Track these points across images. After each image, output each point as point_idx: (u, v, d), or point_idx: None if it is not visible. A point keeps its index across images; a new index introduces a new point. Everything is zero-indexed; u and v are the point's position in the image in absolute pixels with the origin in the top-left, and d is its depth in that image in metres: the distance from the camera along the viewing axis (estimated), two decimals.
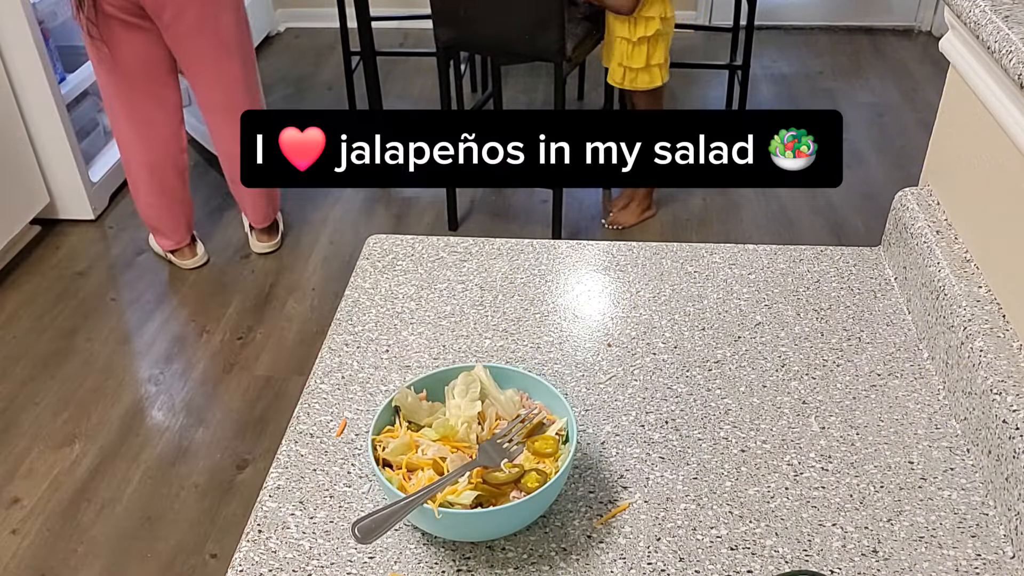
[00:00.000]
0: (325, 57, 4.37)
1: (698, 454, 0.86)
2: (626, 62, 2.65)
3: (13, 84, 2.70)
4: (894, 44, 4.61)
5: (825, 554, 0.76)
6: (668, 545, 0.77)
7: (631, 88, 2.72)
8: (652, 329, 1.03)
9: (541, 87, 4.02)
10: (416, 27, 4.37)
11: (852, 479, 0.83)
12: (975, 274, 0.95)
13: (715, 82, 4.07)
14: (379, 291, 1.11)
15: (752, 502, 0.81)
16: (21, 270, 2.79)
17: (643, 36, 2.60)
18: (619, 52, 2.64)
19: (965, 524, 0.78)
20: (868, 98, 4.02)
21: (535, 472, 0.77)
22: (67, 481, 2.06)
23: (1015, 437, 0.76)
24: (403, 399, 0.83)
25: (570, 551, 0.77)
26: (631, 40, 2.61)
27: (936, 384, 0.94)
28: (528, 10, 2.63)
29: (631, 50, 2.63)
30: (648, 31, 2.59)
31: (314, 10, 4.69)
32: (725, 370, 0.97)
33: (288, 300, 2.68)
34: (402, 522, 0.77)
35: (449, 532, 0.77)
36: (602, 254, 1.16)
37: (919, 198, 1.10)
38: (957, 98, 1.02)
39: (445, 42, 2.84)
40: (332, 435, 0.89)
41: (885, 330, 1.02)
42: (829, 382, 0.95)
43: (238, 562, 0.77)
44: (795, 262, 1.14)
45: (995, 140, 0.90)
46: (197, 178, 3.32)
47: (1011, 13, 0.86)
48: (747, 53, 3.43)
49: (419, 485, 0.76)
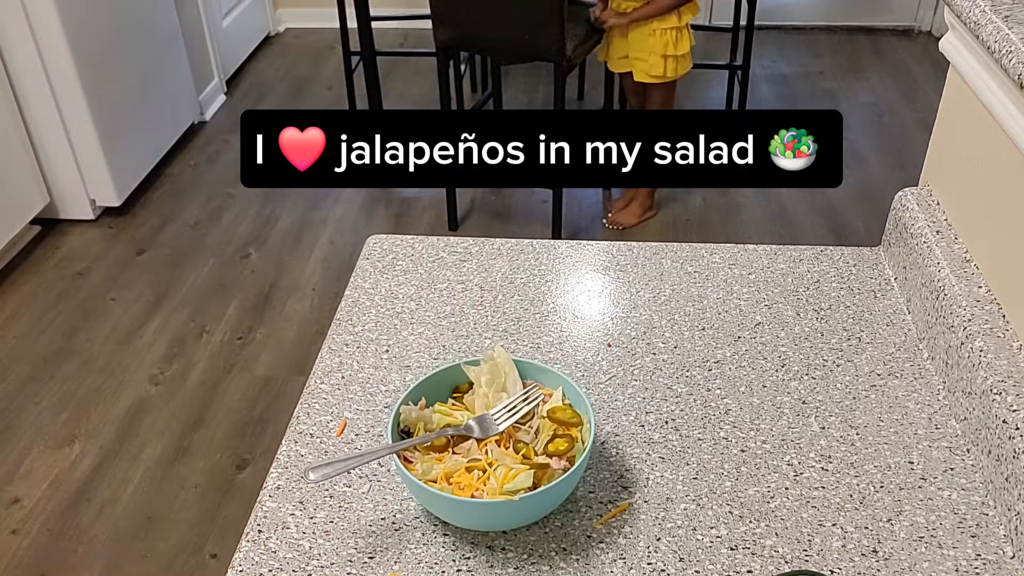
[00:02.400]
0: (325, 57, 4.37)
1: (698, 454, 0.86)
2: (672, 51, 2.67)
3: (13, 84, 2.70)
4: (894, 44, 4.61)
5: (825, 554, 0.76)
6: (668, 545, 0.77)
7: (673, 77, 2.75)
8: (652, 329, 1.03)
9: (541, 87, 4.02)
10: (416, 27, 4.37)
11: (852, 479, 0.83)
12: (975, 274, 0.95)
13: (715, 82, 4.07)
14: (379, 291, 1.11)
15: (752, 502, 0.81)
16: (21, 270, 2.79)
17: (689, 21, 2.67)
18: (662, 44, 2.66)
19: (965, 524, 0.78)
20: (868, 98, 4.02)
21: (560, 438, 0.79)
22: (67, 481, 2.06)
23: (1015, 437, 0.76)
24: (408, 415, 0.83)
25: (570, 551, 0.77)
26: (679, 27, 2.66)
27: (936, 384, 0.94)
28: (528, 10, 2.63)
29: (676, 36, 2.67)
30: (694, 11, 2.67)
31: (314, 10, 4.69)
32: (725, 370, 0.97)
33: (288, 300, 2.68)
34: (430, 514, 0.77)
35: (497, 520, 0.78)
36: (602, 254, 1.16)
37: (919, 198, 1.10)
38: (957, 98, 1.02)
39: (445, 42, 2.84)
40: (332, 435, 0.89)
41: (885, 330, 1.02)
42: (829, 382, 0.95)
43: (238, 562, 0.77)
44: (795, 262, 1.14)
45: (995, 140, 0.90)
46: (197, 178, 3.32)
47: (1011, 13, 0.86)
48: (747, 53, 3.43)
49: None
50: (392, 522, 0.80)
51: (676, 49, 2.68)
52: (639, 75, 2.77)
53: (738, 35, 3.59)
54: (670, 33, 2.65)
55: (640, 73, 2.76)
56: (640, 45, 2.71)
